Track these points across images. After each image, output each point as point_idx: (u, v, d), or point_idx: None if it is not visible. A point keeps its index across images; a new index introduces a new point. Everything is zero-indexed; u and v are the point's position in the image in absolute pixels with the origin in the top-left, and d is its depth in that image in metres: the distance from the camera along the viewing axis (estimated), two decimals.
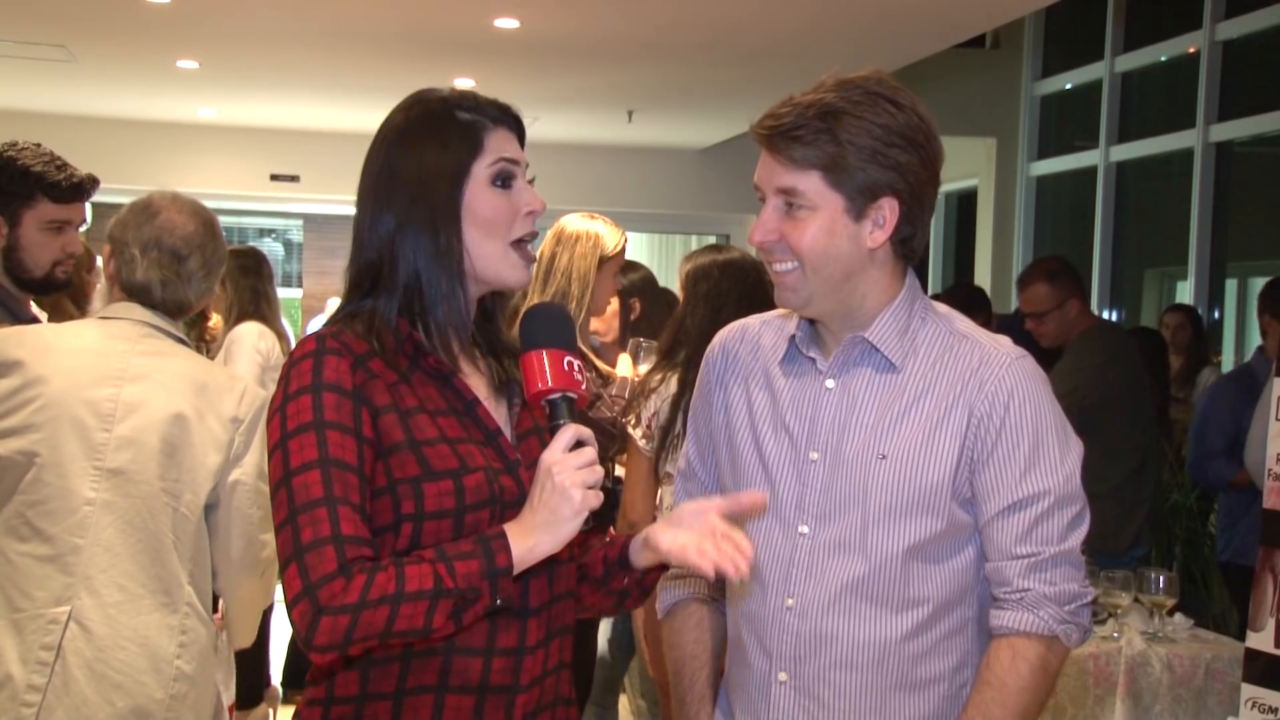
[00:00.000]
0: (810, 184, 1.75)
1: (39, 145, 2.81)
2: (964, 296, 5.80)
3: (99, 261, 3.81)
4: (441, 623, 1.56)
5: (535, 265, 2.90)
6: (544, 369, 1.64)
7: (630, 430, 3.38)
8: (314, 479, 1.57)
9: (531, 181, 1.76)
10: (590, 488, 1.58)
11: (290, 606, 1.56)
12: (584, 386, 1.67)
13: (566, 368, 1.64)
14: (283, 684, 5.27)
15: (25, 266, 2.78)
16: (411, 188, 1.69)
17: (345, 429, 1.60)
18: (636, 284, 4.50)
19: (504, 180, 1.71)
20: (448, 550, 1.57)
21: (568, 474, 1.57)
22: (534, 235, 1.76)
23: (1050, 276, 4.56)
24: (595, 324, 3.91)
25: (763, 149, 1.80)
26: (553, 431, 1.62)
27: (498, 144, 1.71)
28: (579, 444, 1.60)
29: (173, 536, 2.43)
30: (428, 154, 1.69)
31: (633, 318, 4.42)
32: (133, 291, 2.50)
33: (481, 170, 1.70)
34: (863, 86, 1.76)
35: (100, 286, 2.74)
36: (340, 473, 1.58)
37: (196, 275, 2.52)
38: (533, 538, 1.58)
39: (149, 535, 2.41)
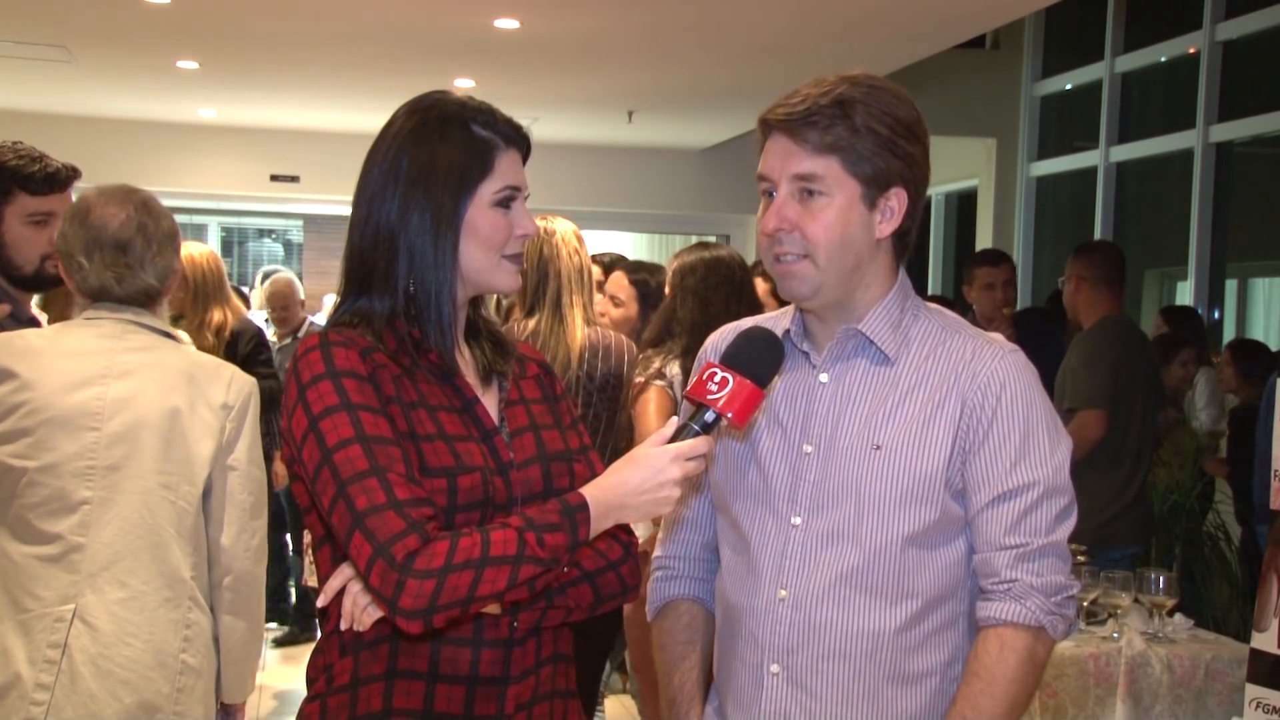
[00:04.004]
0: (829, 169, 1.77)
1: (17, 143, 2.81)
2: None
3: None
4: (520, 587, 1.59)
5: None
6: (732, 396, 1.68)
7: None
8: (355, 453, 1.59)
9: (525, 199, 1.80)
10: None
11: (366, 574, 1.56)
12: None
13: (746, 399, 1.69)
14: None
15: (14, 263, 2.78)
16: (417, 194, 1.71)
17: (374, 410, 1.62)
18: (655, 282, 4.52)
19: (505, 203, 1.76)
20: (535, 519, 1.60)
21: (680, 471, 1.65)
22: (521, 252, 1.81)
23: (1074, 252, 4.98)
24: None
25: (774, 136, 1.81)
26: (693, 431, 1.68)
27: (506, 168, 1.75)
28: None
29: (173, 530, 2.44)
30: (438, 164, 1.71)
31: None
32: (95, 296, 2.50)
33: (487, 193, 1.74)
34: (867, 81, 1.79)
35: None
36: (381, 447, 1.60)
37: (146, 258, 2.49)
38: (619, 515, 1.66)
39: (149, 531, 2.42)
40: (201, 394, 2.49)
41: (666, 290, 3.77)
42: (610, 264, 4.85)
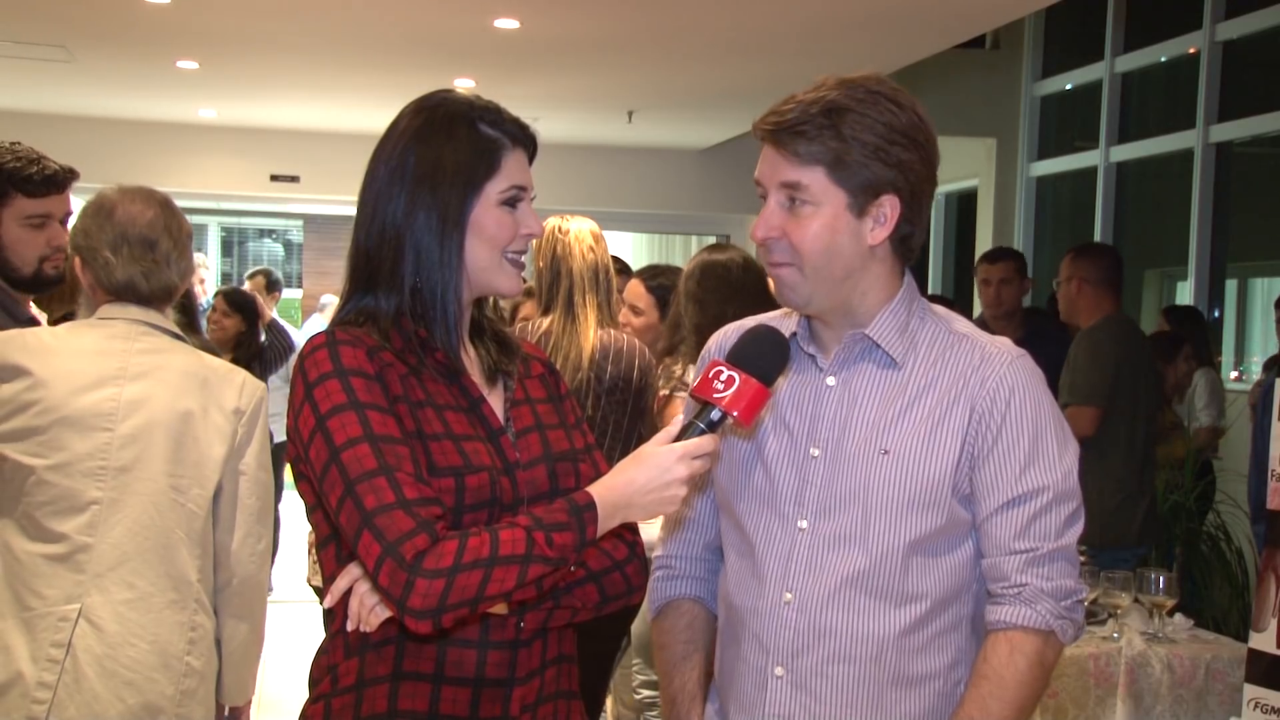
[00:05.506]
0: (814, 179, 1.77)
1: (15, 144, 2.81)
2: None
3: None
4: (529, 587, 1.59)
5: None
6: (739, 395, 1.68)
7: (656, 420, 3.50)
8: (364, 452, 1.59)
9: (532, 199, 1.80)
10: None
11: (374, 574, 1.56)
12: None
13: (753, 397, 1.69)
14: None
15: (13, 265, 2.78)
16: (424, 192, 1.71)
17: (382, 408, 1.63)
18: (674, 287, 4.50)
19: (512, 203, 1.76)
20: (543, 518, 1.61)
21: (687, 470, 1.65)
22: (525, 252, 1.81)
23: (1075, 253, 5.01)
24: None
25: (765, 145, 1.82)
26: (699, 430, 1.68)
27: (512, 168, 1.76)
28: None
29: (181, 533, 2.45)
30: (445, 163, 1.71)
31: None
32: (119, 292, 2.50)
33: (494, 191, 1.74)
34: (864, 86, 1.79)
35: (81, 298, 2.74)
36: (389, 446, 1.60)
37: (172, 256, 2.52)
38: (625, 515, 1.67)
39: (157, 533, 2.42)
40: (214, 398, 2.50)
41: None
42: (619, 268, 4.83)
